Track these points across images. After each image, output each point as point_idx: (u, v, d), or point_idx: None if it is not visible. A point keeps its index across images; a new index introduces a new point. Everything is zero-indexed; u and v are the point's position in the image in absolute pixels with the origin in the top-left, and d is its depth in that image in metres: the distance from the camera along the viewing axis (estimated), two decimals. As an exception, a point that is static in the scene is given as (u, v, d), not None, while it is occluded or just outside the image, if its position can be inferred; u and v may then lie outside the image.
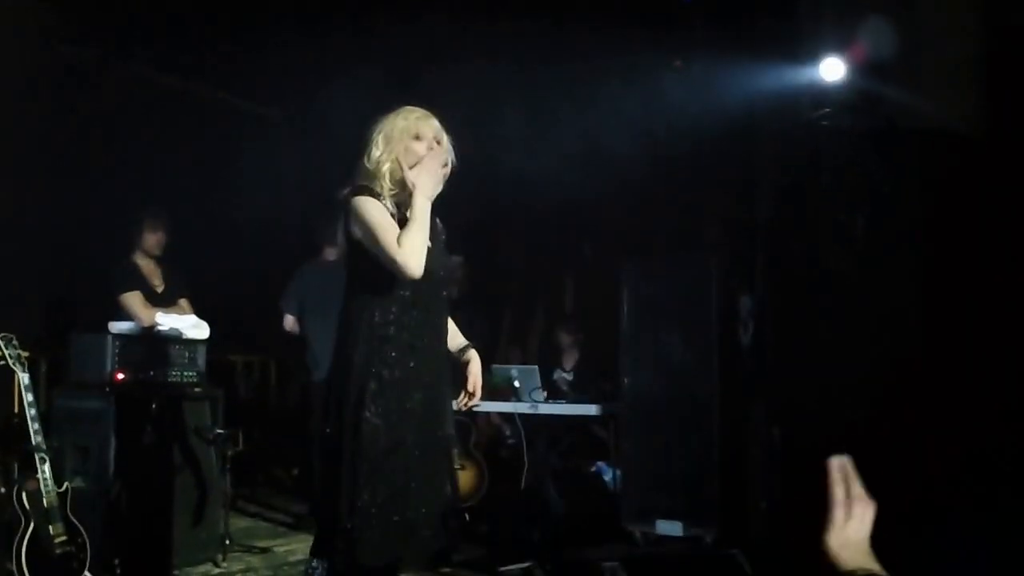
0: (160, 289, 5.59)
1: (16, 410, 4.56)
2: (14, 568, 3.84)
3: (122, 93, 6.73)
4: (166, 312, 5.35)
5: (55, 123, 6.19)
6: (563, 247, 8.01)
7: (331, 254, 5.98)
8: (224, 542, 5.09)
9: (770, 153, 5.56)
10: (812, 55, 5.34)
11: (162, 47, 6.74)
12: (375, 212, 2.94)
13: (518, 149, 7.47)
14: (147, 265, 5.62)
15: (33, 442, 4.03)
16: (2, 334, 4.15)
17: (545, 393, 6.53)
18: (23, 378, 4.14)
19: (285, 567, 5.07)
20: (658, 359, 5.64)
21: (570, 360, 7.15)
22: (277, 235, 8.36)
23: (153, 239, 5.64)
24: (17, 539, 3.89)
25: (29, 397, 4.09)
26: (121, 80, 6.78)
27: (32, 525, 3.94)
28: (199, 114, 7.37)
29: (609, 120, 6.62)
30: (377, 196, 3.00)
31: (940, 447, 4.69)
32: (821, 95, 5.38)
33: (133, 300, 5.37)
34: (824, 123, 5.28)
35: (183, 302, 5.64)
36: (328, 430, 2.98)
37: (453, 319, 3.25)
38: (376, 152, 3.05)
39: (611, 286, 6.03)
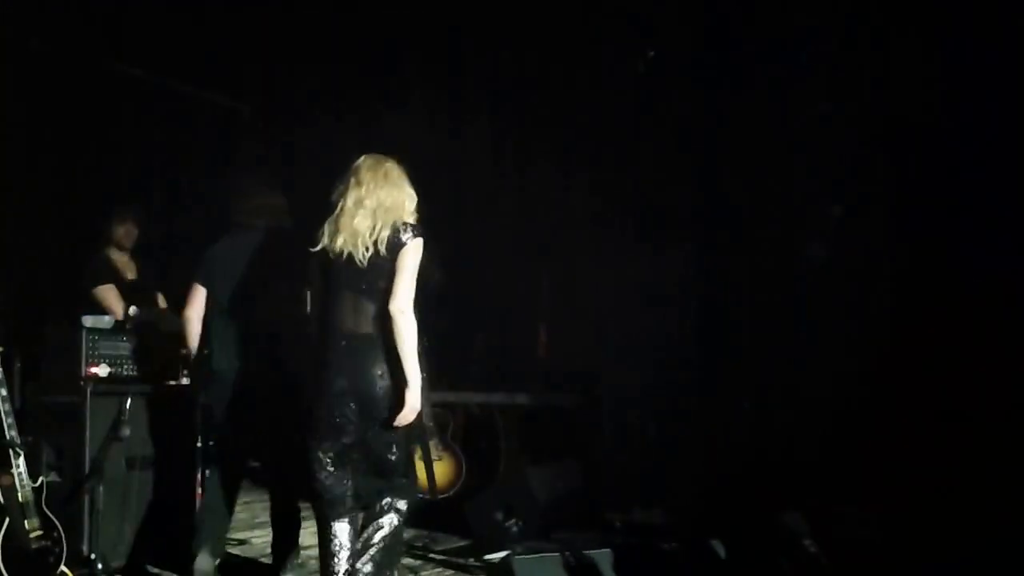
0: (134, 283, 5.56)
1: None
2: (-10, 564, 3.81)
3: (92, 87, 6.66)
4: (140, 306, 5.31)
5: (25, 117, 6.11)
6: (539, 238, 7.99)
7: None
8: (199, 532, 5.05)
9: (749, 141, 5.58)
10: (791, 44, 5.38)
11: (130, 40, 6.68)
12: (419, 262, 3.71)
13: (493, 140, 7.48)
14: (120, 259, 5.58)
15: (7, 437, 3.98)
16: (-26, 329, 4.11)
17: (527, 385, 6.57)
18: (-4, 373, 4.10)
19: (262, 559, 5.05)
20: (636, 348, 5.66)
21: (548, 350, 7.16)
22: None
23: (122, 230, 5.62)
24: (-8, 535, 3.85)
25: (3, 392, 4.04)
26: (91, 74, 6.70)
27: (7, 520, 3.90)
28: (172, 108, 7.31)
29: (586, 106, 6.64)
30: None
31: (915, 435, 4.76)
32: (800, 83, 5.42)
33: (107, 293, 5.33)
34: (804, 111, 5.32)
35: (157, 296, 5.61)
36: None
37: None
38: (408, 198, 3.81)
39: (588, 276, 6.04)
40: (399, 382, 3.62)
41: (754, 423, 5.26)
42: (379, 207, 3.72)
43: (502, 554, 4.65)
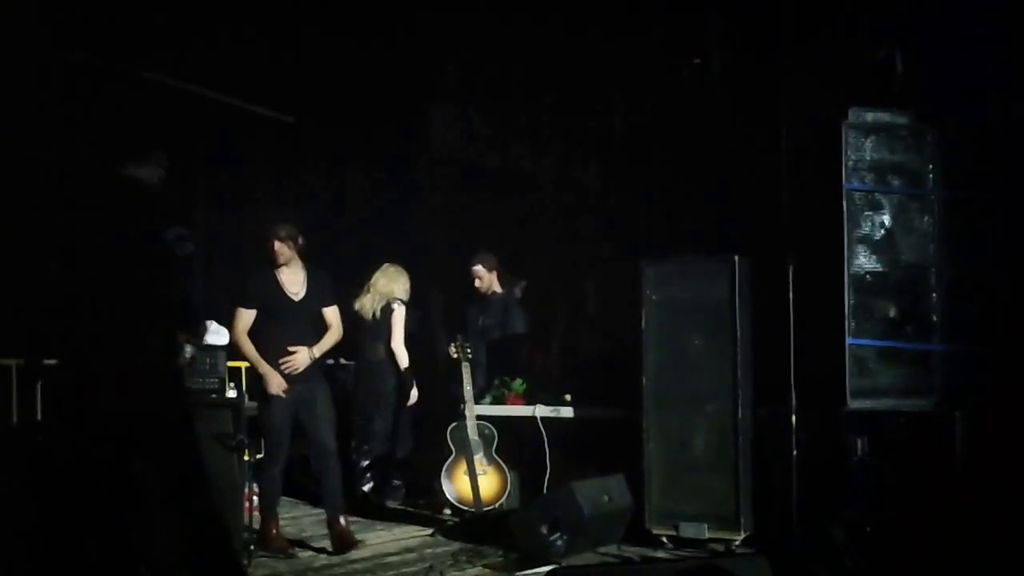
0: (299, 297, 5.55)
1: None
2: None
3: (131, 98, 6.76)
4: None
5: (75, 130, 6.21)
6: (584, 248, 7.96)
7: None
8: (249, 548, 5.11)
9: (795, 149, 5.50)
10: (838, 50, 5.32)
11: (168, 50, 6.78)
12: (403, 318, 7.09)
13: (536, 147, 7.48)
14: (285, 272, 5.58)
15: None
16: None
17: (569, 396, 6.52)
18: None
19: (309, 572, 5.07)
20: (680, 360, 5.59)
21: (591, 363, 7.11)
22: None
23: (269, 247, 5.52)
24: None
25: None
26: (128, 84, 6.81)
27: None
28: (213, 119, 7.40)
29: (629, 117, 6.61)
30: None
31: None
32: (848, 90, 5.35)
33: (241, 317, 5.45)
34: (851, 118, 5.23)
35: (328, 311, 5.69)
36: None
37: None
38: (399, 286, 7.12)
39: (633, 287, 5.97)
40: (404, 380, 7.01)
41: (800, 435, 5.16)
42: (375, 293, 7.02)
43: (543, 569, 4.61)
